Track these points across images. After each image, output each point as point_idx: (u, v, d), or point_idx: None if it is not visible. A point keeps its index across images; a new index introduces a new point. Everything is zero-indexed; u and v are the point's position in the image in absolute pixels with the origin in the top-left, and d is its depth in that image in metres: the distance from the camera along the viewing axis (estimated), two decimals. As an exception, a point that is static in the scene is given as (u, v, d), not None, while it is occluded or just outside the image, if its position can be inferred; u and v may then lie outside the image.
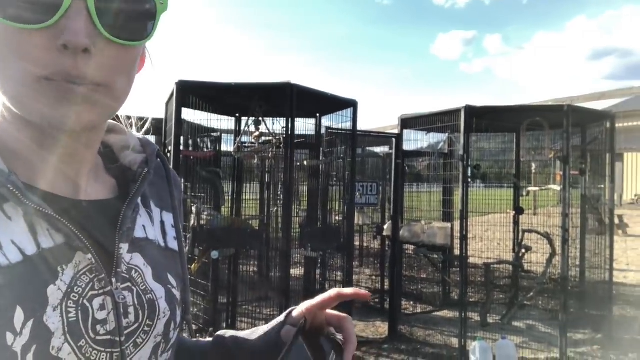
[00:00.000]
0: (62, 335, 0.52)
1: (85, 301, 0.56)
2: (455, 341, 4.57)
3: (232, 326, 4.83)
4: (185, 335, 0.79)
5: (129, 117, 0.78)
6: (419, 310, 5.73)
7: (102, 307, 0.57)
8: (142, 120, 0.80)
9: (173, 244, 0.73)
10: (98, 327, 0.56)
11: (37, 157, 0.58)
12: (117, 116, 0.73)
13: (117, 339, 0.57)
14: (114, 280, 0.59)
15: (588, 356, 4.38)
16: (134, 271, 0.63)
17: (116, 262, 0.60)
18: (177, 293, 0.68)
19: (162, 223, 0.72)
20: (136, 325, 0.61)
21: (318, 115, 4.39)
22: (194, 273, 4.32)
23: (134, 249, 0.64)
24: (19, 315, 0.50)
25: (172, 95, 3.59)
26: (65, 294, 0.54)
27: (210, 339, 0.84)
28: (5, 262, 0.51)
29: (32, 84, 0.51)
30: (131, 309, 0.60)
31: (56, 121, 0.52)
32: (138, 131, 0.79)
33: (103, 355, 0.56)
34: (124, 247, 0.62)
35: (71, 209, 0.59)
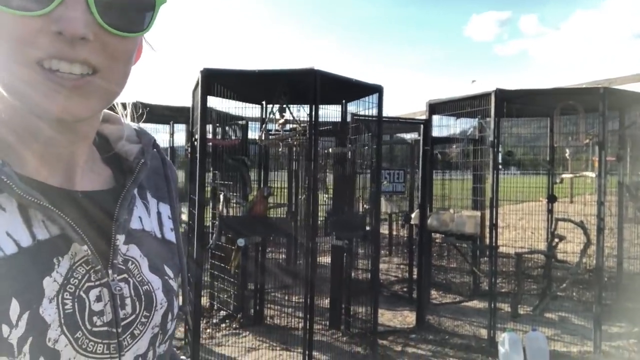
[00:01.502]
0: (58, 327, 0.52)
1: (81, 293, 0.55)
2: (484, 332, 4.50)
3: (259, 313, 4.89)
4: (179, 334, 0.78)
5: (124, 106, 0.76)
6: (447, 300, 5.66)
7: (98, 298, 0.57)
8: (137, 107, 0.78)
9: (170, 236, 0.72)
10: (95, 318, 0.56)
11: (31, 147, 0.57)
12: (114, 105, 0.72)
13: (114, 330, 0.57)
14: (110, 271, 0.58)
15: (624, 350, 4.23)
16: (130, 262, 0.62)
17: (112, 253, 0.60)
18: (174, 284, 0.68)
19: (159, 214, 0.72)
20: (133, 317, 0.60)
21: (344, 101, 4.34)
22: (235, 270, 4.38)
23: (130, 240, 0.63)
24: (14, 307, 0.49)
25: (197, 83, 3.60)
26: (62, 286, 0.54)
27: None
28: (0, 254, 0.50)
29: (27, 71, 0.50)
30: (128, 301, 0.60)
31: (51, 111, 0.52)
32: (134, 120, 0.78)
33: (100, 347, 0.56)
34: (120, 238, 0.61)
35: (66, 200, 0.58)
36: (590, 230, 4.53)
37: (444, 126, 5.09)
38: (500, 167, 4.37)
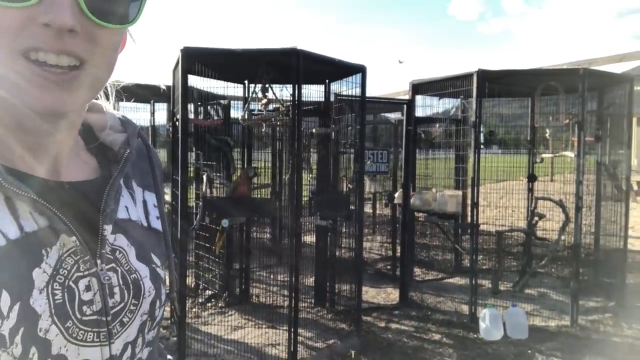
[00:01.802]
0: (49, 317, 0.53)
1: (70, 283, 0.56)
2: (465, 308, 4.61)
3: (245, 291, 4.93)
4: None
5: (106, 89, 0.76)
6: (430, 277, 5.77)
7: (87, 288, 0.57)
8: (118, 86, 0.77)
9: (156, 224, 0.73)
10: (84, 307, 0.57)
11: (17, 139, 0.57)
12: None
13: (104, 318, 0.58)
14: (98, 261, 0.59)
15: (599, 324, 4.38)
16: (118, 252, 0.63)
17: (100, 243, 0.60)
18: (161, 272, 0.69)
19: (145, 202, 0.72)
20: (122, 305, 0.61)
21: (327, 81, 4.32)
22: (219, 252, 4.38)
23: (118, 229, 0.64)
24: (5, 299, 0.50)
25: (177, 62, 3.54)
26: (51, 277, 0.54)
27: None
28: None
29: (14, 63, 0.49)
30: (116, 289, 0.61)
31: (38, 104, 0.52)
32: (116, 100, 0.77)
33: (90, 335, 0.57)
34: (108, 228, 0.62)
35: (53, 191, 0.58)
36: (569, 208, 4.63)
37: (427, 106, 5.11)
38: (482, 146, 4.42)
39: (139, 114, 6.77)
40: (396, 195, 5.63)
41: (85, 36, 0.52)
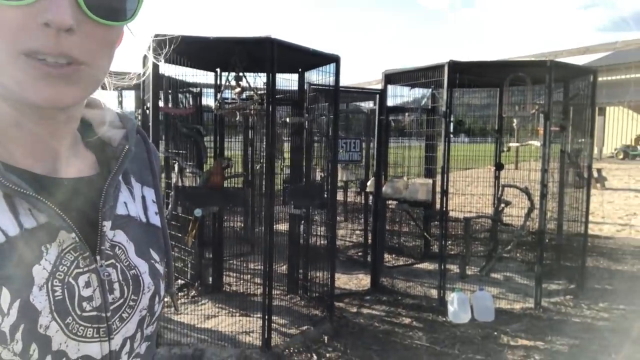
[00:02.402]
0: (49, 313, 0.53)
1: (70, 279, 0.57)
2: (434, 292, 4.73)
3: (218, 280, 4.92)
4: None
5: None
6: (400, 263, 5.88)
7: (87, 284, 0.58)
8: (121, 75, 0.78)
9: (155, 219, 0.73)
10: (84, 304, 0.57)
11: (16, 135, 0.57)
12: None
13: (103, 314, 0.59)
14: (98, 257, 0.60)
15: (561, 305, 4.58)
16: (117, 248, 0.64)
17: (100, 239, 0.61)
18: (160, 267, 0.70)
19: (143, 198, 0.73)
20: (121, 301, 0.62)
21: (300, 70, 4.31)
22: (191, 243, 4.34)
23: (117, 226, 0.64)
24: (5, 296, 0.50)
25: (149, 49, 3.47)
26: (51, 273, 0.55)
27: None
28: None
29: (12, 61, 0.50)
30: (116, 285, 0.62)
31: (37, 99, 0.52)
32: (117, 89, 0.77)
33: (90, 331, 0.58)
34: (107, 224, 0.62)
35: (52, 187, 0.59)
36: (534, 195, 4.80)
37: (399, 96, 5.17)
38: (451, 135, 4.52)
39: (106, 100, 6.61)
40: (368, 183, 5.70)
41: (83, 34, 0.52)
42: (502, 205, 5.09)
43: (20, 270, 0.52)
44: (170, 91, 4.47)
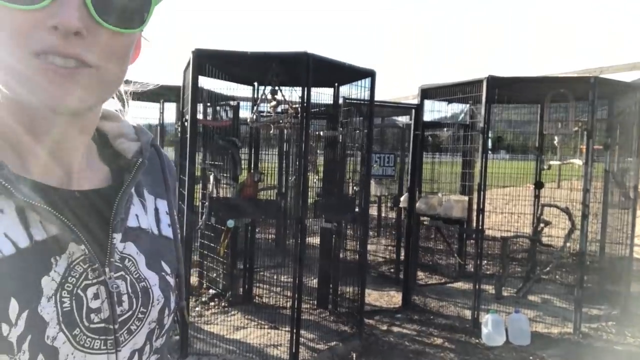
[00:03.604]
0: (56, 324, 0.54)
1: (79, 291, 0.57)
2: (468, 313, 4.61)
3: (248, 292, 4.95)
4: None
5: (127, 82, 0.77)
6: (433, 281, 5.77)
7: (96, 296, 0.58)
8: (142, 85, 0.79)
9: (167, 231, 0.73)
10: (92, 315, 0.57)
11: (29, 145, 0.58)
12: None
13: (111, 326, 0.59)
14: (107, 269, 0.60)
15: (602, 332, 4.37)
16: (127, 260, 0.64)
17: (109, 251, 0.61)
18: (171, 280, 0.69)
19: (156, 210, 0.73)
20: (130, 313, 0.62)
21: (336, 84, 4.33)
22: (223, 253, 4.40)
23: (127, 238, 0.65)
24: (13, 306, 0.51)
25: (189, 63, 3.57)
26: (60, 285, 0.55)
27: None
28: None
29: (22, 62, 0.51)
30: (125, 297, 0.61)
31: (45, 101, 0.52)
32: (133, 99, 0.79)
33: (97, 343, 0.58)
34: (117, 237, 0.62)
35: (64, 199, 0.59)
36: (575, 216, 4.62)
37: (436, 111, 5.11)
38: (489, 151, 4.42)
39: (149, 111, 6.84)
40: (402, 198, 5.64)
41: (92, 40, 0.52)
42: (542, 225, 4.93)
43: (29, 282, 0.53)
44: (208, 104, 4.57)
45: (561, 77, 4.78)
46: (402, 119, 7.16)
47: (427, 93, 4.95)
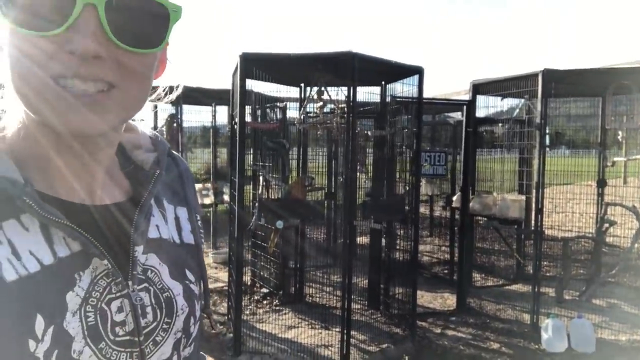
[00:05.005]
0: (82, 339, 0.55)
1: (103, 305, 0.58)
2: (527, 317, 4.42)
3: (299, 291, 4.98)
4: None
5: (171, 89, 0.78)
6: (490, 283, 5.57)
7: (120, 309, 0.59)
8: (171, 89, 0.80)
9: (189, 238, 0.74)
10: (117, 328, 0.58)
11: (53, 163, 0.59)
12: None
13: (136, 339, 0.60)
14: (130, 282, 0.61)
15: (676, 340, 4.06)
16: (149, 271, 0.64)
17: (132, 265, 0.62)
18: (195, 288, 0.70)
19: (177, 219, 0.74)
20: (154, 324, 0.62)
21: (383, 82, 4.27)
22: (271, 250, 4.46)
23: (149, 249, 0.65)
24: (39, 322, 0.52)
25: (236, 67, 3.63)
26: (84, 299, 0.56)
27: None
28: (24, 272, 0.53)
29: (43, 86, 0.52)
30: (149, 309, 0.62)
31: (65, 127, 0.53)
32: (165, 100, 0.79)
33: (123, 355, 0.58)
34: (139, 249, 0.63)
35: (87, 215, 0.60)
36: (644, 215, 4.32)
37: (490, 107, 4.93)
38: (548, 148, 4.21)
39: (202, 115, 7.05)
40: (454, 198, 5.49)
41: (112, 61, 0.53)
42: (606, 225, 4.64)
43: (54, 297, 0.54)
44: (257, 106, 4.63)
45: (624, 68, 4.47)
46: (455, 115, 6.97)
47: (479, 88, 4.78)
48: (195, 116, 7.05)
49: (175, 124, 6.13)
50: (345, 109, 3.64)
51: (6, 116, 0.61)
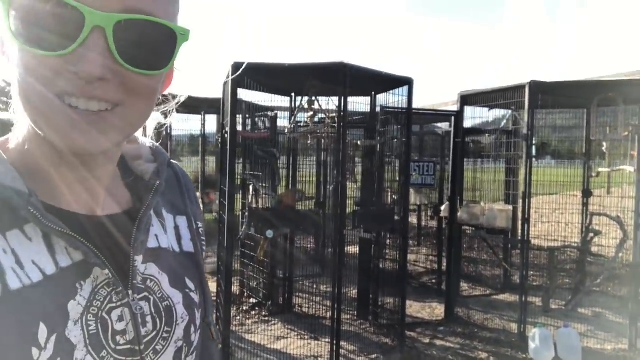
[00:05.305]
0: (84, 347, 0.55)
1: (104, 314, 0.58)
2: (514, 326, 4.45)
3: (288, 300, 4.96)
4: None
5: (174, 97, 0.79)
6: (477, 293, 5.61)
7: (120, 318, 0.59)
8: (174, 98, 0.80)
9: (188, 247, 0.74)
10: (118, 337, 0.59)
11: (57, 175, 0.60)
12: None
13: (137, 347, 0.60)
14: (130, 292, 0.61)
15: (660, 349, 4.12)
16: (149, 281, 0.65)
17: (132, 274, 0.62)
18: (195, 296, 0.70)
19: (177, 228, 0.74)
20: (154, 333, 0.63)
21: (373, 93, 4.31)
22: (260, 259, 4.44)
23: (148, 259, 0.66)
24: (42, 331, 0.52)
25: (228, 76, 3.64)
26: (85, 308, 0.57)
27: None
28: (27, 281, 0.53)
29: (47, 103, 0.52)
30: (149, 318, 0.63)
31: (68, 145, 0.54)
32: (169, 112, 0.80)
33: None
34: (138, 259, 0.64)
35: (88, 225, 0.61)
36: (628, 225, 4.39)
37: (477, 117, 5.00)
38: (534, 158, 4.27)
39: (191, 123, 7.03)
40: (442, 208, 5.53)
41: (117, 82, 0.53)
42: (591, 234, 4.71)
43: (57, 306, 0.54)
44: (247, 115, 4.64)
45: (609, 81, 4.56)
46: (441, 125, 7.04)
47: (467, 99, 4.85)
48: (183, 124, 7.05)
49: (164, 133, 6.11)
50: (336, 118, 3.66)
51: (14, 128, 0.61)
